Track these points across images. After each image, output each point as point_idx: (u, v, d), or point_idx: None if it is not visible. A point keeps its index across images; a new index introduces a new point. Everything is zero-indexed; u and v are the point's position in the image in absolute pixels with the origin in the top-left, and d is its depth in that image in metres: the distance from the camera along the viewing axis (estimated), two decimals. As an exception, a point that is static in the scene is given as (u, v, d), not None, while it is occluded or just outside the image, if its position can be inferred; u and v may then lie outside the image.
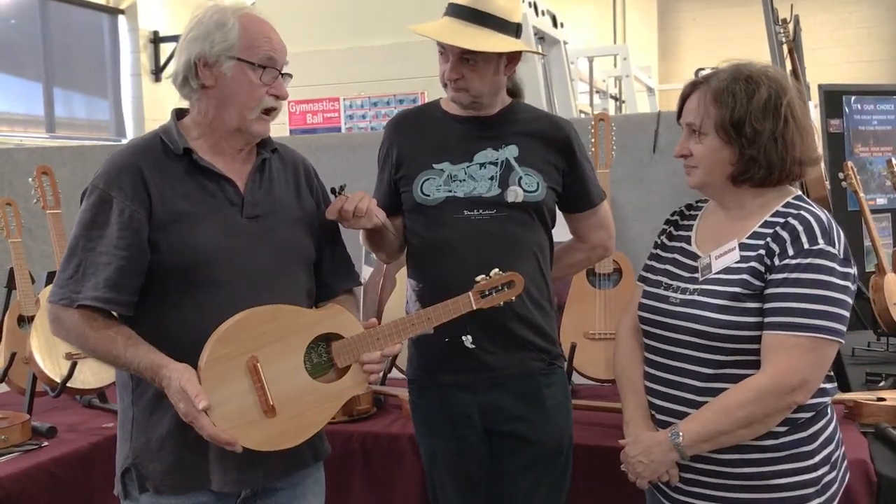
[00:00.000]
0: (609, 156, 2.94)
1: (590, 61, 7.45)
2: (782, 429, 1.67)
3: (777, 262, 1.65)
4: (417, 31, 2.04)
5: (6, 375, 3.03)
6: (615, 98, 8.45)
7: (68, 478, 2.39)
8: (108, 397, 2.93)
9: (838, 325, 1.62)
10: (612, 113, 7.55)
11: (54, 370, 2.79)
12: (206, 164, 1.76)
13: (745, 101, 1.68)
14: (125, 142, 2.13)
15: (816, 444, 1.69)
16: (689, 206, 1.93)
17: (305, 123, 5.11)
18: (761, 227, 1.71)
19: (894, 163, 3.52)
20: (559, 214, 2.21)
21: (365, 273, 3.47)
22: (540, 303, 2.10)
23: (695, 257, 1.80)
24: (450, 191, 2.07)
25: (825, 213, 1.70)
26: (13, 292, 3.22)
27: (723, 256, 1.73)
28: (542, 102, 4.91)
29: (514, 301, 1.91)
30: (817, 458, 1.68)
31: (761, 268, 1.67)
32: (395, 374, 2.95)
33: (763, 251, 1.68)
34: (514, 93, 2.18)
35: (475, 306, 1.86)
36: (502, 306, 1.90)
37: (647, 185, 3.42)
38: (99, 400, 2.93)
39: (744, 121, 1.68)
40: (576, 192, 2.17)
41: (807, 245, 1.63)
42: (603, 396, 2.72)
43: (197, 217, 1.73)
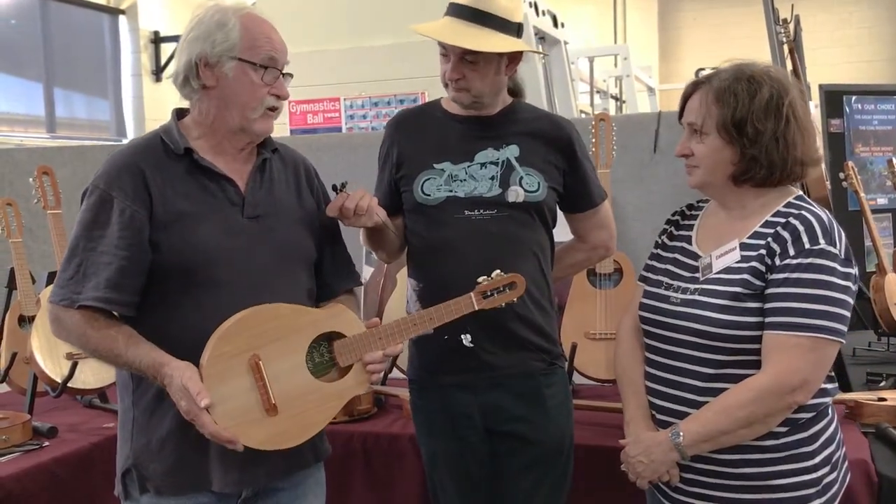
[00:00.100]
0: (609, 156, 2.94)
1: (590, 61, 7.45)
2: (783, 429, 1.67)
3: (778, 262, 1.65)
4: (419, 31, 2.04)
5: (7, 375, 3.03)
6: (616, 98, 8.46)
7: (69, 478, 2.39)
8: (108, 397, 2.93)
9: (839, 325, 1.62)
10: (612, 113, 7.55)
11: (55, 370, 2.80)
12: (206, 163, 1.76)
13: (747, 100, 1.68)
14: (126, 142, 2.13)
15: (817, 444, 1.69)
16: (690, 206, 1.93)
17: (306, 123, 5.12)
18: (762, 226, 1.71)
19: (895, 163, 3.52)
20: (560, 214, 2.21)
21: (366, 273, 3.47)
22: (541, 303, 2.10)
23: (695, 257, 1.80)
24: (450, 191, 2.07)
25: (826, 213, 1.69)
26: (14, 292, 3.23)
27: (723, 256, 1.73)
28: (542, 102, 4.92)
29: (515, 302, 1.91)
30: (818, 459, 1.68)
31: (762, 267, 1.67)
32: (395, 374, 2.95)
33: (764, 251, 1.68)
34: (516, 92, 2.18)
35: (477, 307, 1.86)
36: (504, 307, 1.90)
37: (648, 185, 3.42)
38: (100, 400, 2.93)
39: (745, 120, 1.68)
40: (577, 192, 2.17)
41: (808, 245, 1.63)
42: (603, 396, 2.72)
43: (198, 217, 1.73)
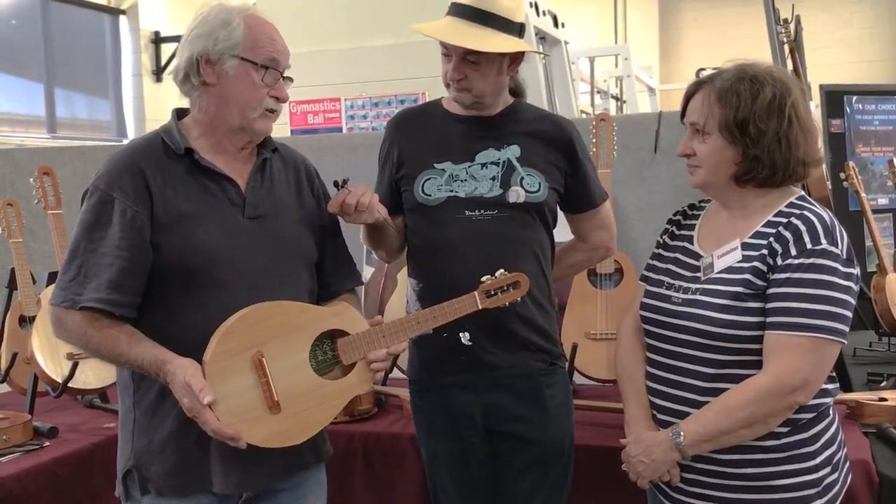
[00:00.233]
0: (610, 156, 2.94)
1: (591, 61, 7.45)
2: (784, 429, 1.66)
3: (780, 262, 1.65)
4: (421, 31, 2.03)
5: (7, 376, 3.03)
6: (616, 98, 8.46)
7: (70, 478, 2.39)
8: (109, 397, 2.93)
9: (840, 326, 1.62)
10: (613, 113, 7.55)
11: (56, 370, 2.80)
12: (207, 164, 1.76)
13: (750, 100, 1.68)
14: (126, 142, 2.13)
15: (818, 444, 1.69)
16: (692, 206, 1.93)
17: (306, 124, 5.12)
18: (764, 226, 1.71)
19: (895, 163, 3.52)
20: (560, 214, 2.21)
21: (366, 273, 3.47)
22: (541, 303, 2.10)
23: (697, 257, 1.80)
24: (451, 191, 2.07)
25: (828, 214, 1.69)
26: (14, 292, 3.23)
27: (725, 256, 1.73)
28: (543, 102, 4.92)
29: (518, 301, 1.91)
30: (819, 459, 1.68)
31: (764, 267, 1.67)
32: (396, 374, 2.95)
33: (766, 251, 1.67)
34: (517, 92, 2.18)
35: (480, 306, 1.86)
36: (506, 306, 1.90)
37: (649, 185, 3.42)
38: (100, 400, 2.93)
39: (748, 121, 1.67)
40: (577, 192, 2.17)
41: (809, 245, 1.63)
42: (604, 396, 2.72)
43: (198, 218, 1.73)
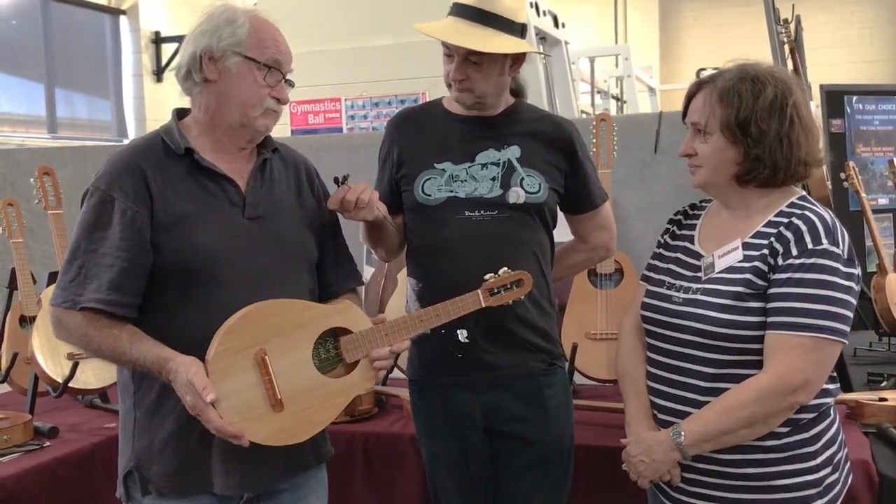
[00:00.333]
0: (610, 156, 2.94)
1: (591, 61, 7.45)
2: (784, 429, 1.66)
3: (781, 262, 1.65)
4: (423, 31, 2.03)
5: (8, 376, 3.04)
6: (616, 98, 8.46)
7: (70, 478, 2.39)
8: (109, 397, 2.92)
9: (841, 326, 1.62)
10: (613, 113, 7.55)
11: (56, 370, 2.80)
12: (207, 164, 1.76)
13: (751, 101, 1.68)
14: (126, 142, 2.13)
15: (819, 444, 1.69)
16: (693, 206, 1.93)
17: (307, 124, 5.12)
18: (765, 226, 1.71)
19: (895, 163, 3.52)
20: (560, 215, 2.21)
21: (366, 273, 3.48)
22: (540, 303, 2.10)
23: (698, 257, 1.80)
24: (451, 191, 2.07)
25: (829, 214, 1.69)
26: (15, 293, 3.23)
27: (726, 256, 1.73)
28: (543, 103, 4.92)
29: (522, 299, 1.91)
30: (820, 460, 1.68)
31: (765, 267, 1.67)
32: (396, 374, 2.95)
33: (767, 251, 1.67)
34: (518, 93, 2.18)
35: (484, 304, 1.86)
36: (510, 304, 1.90)
37: (649, 185, 3.42)
38: (101, 400, 2.93)
39: (749, 121, 1.67)
40: (578, 193, 2.17)
41: (811, 245, 1.63)
42: (604, 396, 2.72)
43: (198, 218, 1.73)
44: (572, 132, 2.14)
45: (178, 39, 8.81)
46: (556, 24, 5.74)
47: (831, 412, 1.74)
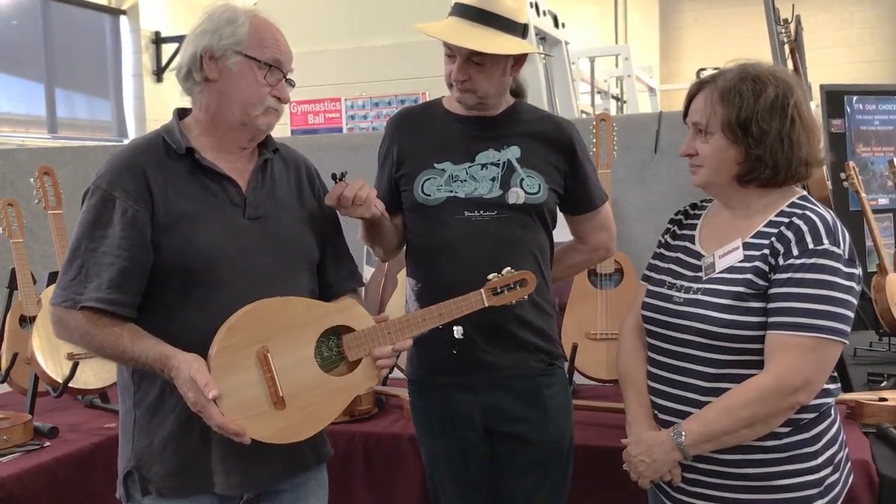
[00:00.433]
0: (610, 156, 2.94)
1: (591, 61, 7.46)
2: (785, 429, 1.66)
3: (781, 262, 1.65)
4: (426, 32, 2.02)
5: (8, 376, 3.03)
6: (616, 98, 8.46)
7: (70, 478, 2.39)
8: (109, 397, 2.92)
9: (842, 326, 1.62)
10: (613, 113, 7.56)
11: (56, 370, 2.80)
12: (208, 164, 1.76)
13: (752, 100, 1.68)
14: (126, 142, 2.13)
15: (819, 445, 1.68)
16: (694, 206, 1.93)
17: (307, 124, 5.12)
18: (766, 226, 1.71)
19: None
20: (560, 215, 2.21)
21: (366, 273, 3.47)
22: (540, 304, 2.10)
23: (698, 256, 1.80)
24: (451, 191, 2.07)
25: (830, 214, 1.69)
26: (15, 293, 3.23)
27: (726, 256, 1.73)
28: (543, 103, 4.92)
29: (525, 299, 1.90)
30: (820, 460, 1.68)
31: (765, 267, 1.67)
32: (395, 374, 2.95)
33: (767, 251, 1.67)
34: (518, 93, 2.17)
35: (487, 303, 1.85)
36: (510, 305, 1.90)
37: (649, 185, 3.42)
38: (101, 400, 2.93)
39: (750, 120, 1.67)
40: (577, 194, 2.17)
41: (811, 245, 1.63)
42: (604, 396, 2.72)
43: (199, 218, 1.73)
44: (572, 133, 2.14)
45: (178, 39, 8.81)
46: (556, 25, 5.74)
47: (832, 412, 1.74)
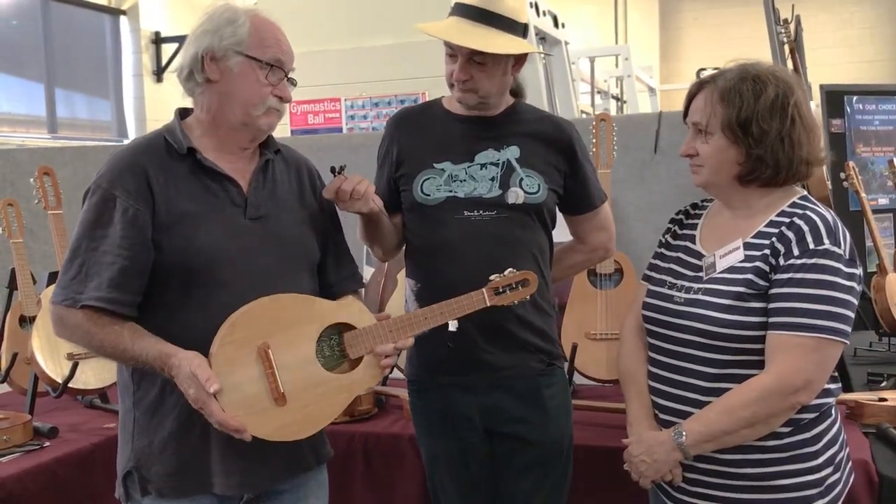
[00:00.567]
0: (610, 156, 2.94)
1: (591, 61, 7.46)
2: (786, 429, 1.66)
3: (782, 262, 1.65)
4: (427, 32, 2.01)
5: (8, 376, 3.03)
6: (616, 98, 8.46)
7: (70, 478, 2.39)
8: (109, 398, 2.92)
9: (843, 326, 1.62)
10: (613, 113, 7.55)
11: (56, 370, 2.80)
12: (209, 164, 1.76)
13: (752, 100, 1.67)
14: (126, 142, 2.13)
15: (820, 444, 1.68)
16: (695, 206, 1.93)
17: (307, 124, 5.12)
18: (766, 226, 1.71)
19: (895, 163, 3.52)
20: (559, 215, 2.21)
21: (366, 273, 3.47)
22: (539, 304, 2.09)
23: (699, 256, 1.80)
24: (450, 191, 2.07)
25: (831, 214, 1.69)
26: (15, 293, 3.23)
27: (727, 256, 1.73)
28: (543, 103, 4.92)
29: (528, 299, 1.90)
30: (821, 459, 1.68)
31: (766, 268, 1.67)
32: (395, 374, 2.95)
33: (768, 251, 1.67)
34: (517, 93, 2.18)
35: (489, 303, 1.85)
36: (513, 305, 1.89)
37: (649, 185, 3.42)
38: (100, 400, 2.93)
39: (751, 120, 1.67)
40: (577, 194, 2.16)
41: (812, 245, 1.63)
42: (604, 396, 2.72)
43: (200, 218, 1.73)
44: (572, 133, 2.14)
45: (178, 39, 8.81)
46: (556, 25, 5.74)
47: (833, 412, 1.74)
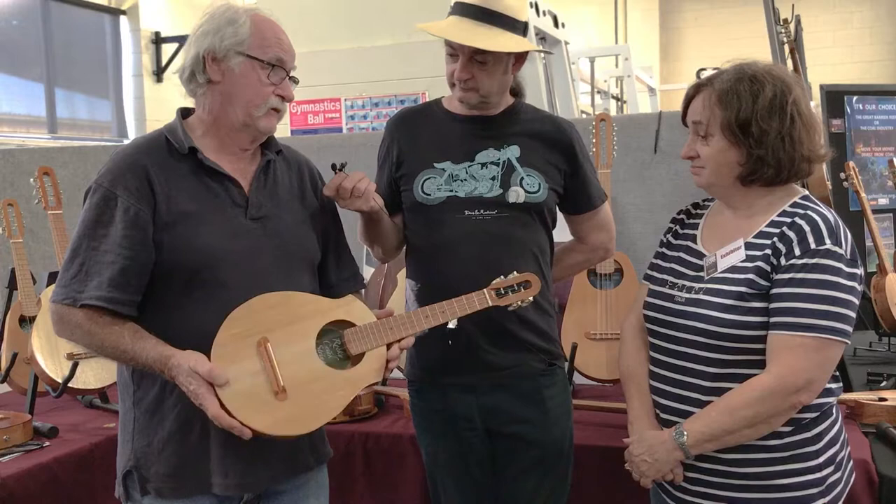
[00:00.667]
0: (610, 156, 2.94)
1: (591, 61, 7.46)
2: (787, 429, 1.66)
3: (783, 262, 1.65)
4: (429, 31, 2.01)
5: (8, 376, 3.03)
6: (616, 98, 8.46)
7: (70, 478, 2.39)
8: (109, 397, 2.92)
9: (844, 326, 1.62)
10: (613, 113, 7.56)
11: (56, 370, 2.80)
12: (211, 163, 1.76)
13: (751, 101, 1.67)
14: (126, 142, 2.13)
15: (821, 444, 1.69)
16: (696, 205, 1.92)
17: (307, 124, 5.12)
18: (768, 226, 1.71)
19: (895, 163, 3.52)
20: (559, 215, 2.21)
21: (366, 273, 3.47)
22: (540, 304, 2.09)
23: (700, 256, 1.80)
24: (451, 190, 2.07)
25: (832, 214, 1.69)
26: (15, 293, 3.23)
27: (728, 255, 1.73)
28: (543, 103, 4.92)
29: (531, 300, 1.89)
30: (822, 459, 1.68)
31: (767, 267, 1.67)
32: (395, 374, 2.95)
33: (769, 251, 1.67)
34: (516, 92, 2.18)
35: (490, 303, 1.85)
36: (521, 305, 1.89)
37: (649, 185, 3.42)
38: (100, 400, 2.94)
39: (750, 121, 1.67)
40: (577, 193, 2.16)
41: (813, 245, 1.63)
42: (604, 396, 2.72)
43: (201, 217, 1.73)
44: (572, 133, 2.14)
45: (178, 39, 8.82)
46: (556, 24, 5.73)
47: (833, 411, 1.74)
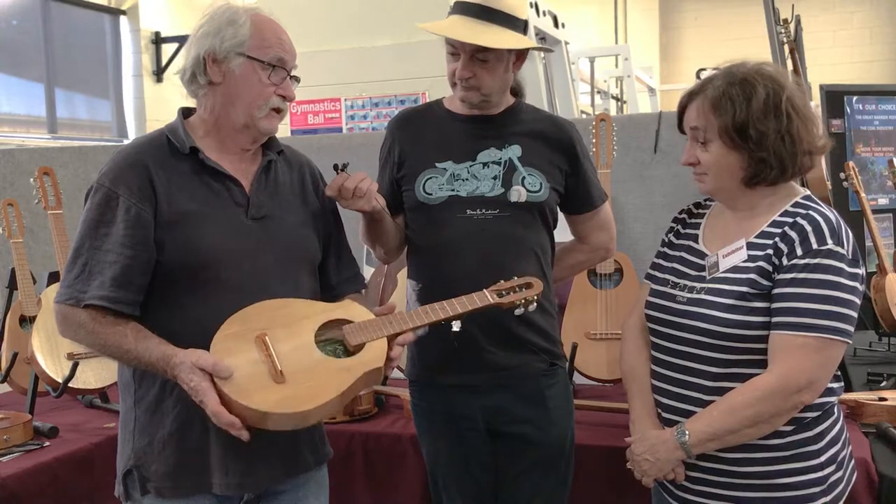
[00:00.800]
0: (610, 156, 2.94)
1: (591, 61, 7.45)
2: (788, 428, 1.67)
3: (785, 262, 1.65)
4: (431, 30, 2.01)
5: (8, 375, 3.03)
6: (616, 98, 8.46)
7: (70, 478, 2.39)
8: (109, 397, 2.93)
9: (846, 326, 1.62)
10: (613, 113, 7.56)
11: (56, 370, 2.80)
12: (212, 163, 1.76)
13: (744, 105, 1.66)
14: (126, 142, 2.13)
15: (822, 443, 1.69)
16: (697, 205, 1.92)
17: (307, 124, 5.12)
18: (769, 226, 1.71)
19: (895, 163, 3.52)
20: (560, 215, 2.21)
21: (366, 273, 3.47)
22: (541, 304, 2.08)
23: (702, 256, 1.79)
24: (453, 190, 2.07)
25: (834, 214, 1.69)
26: (15, 293, 3.23)
27: (730, 255, 1.73)
28: (543, 103, 4.92)
29: (534, 300, 1.89)
30: (823, 458, 1.68)
31: (769, 267, 1.67)
32: (396, 373, 2.95)
33: (771, 251, 1.67)
34: (516, 92, 2.18)
35: (492, 301, 1.84)
36: (524, 304, 1.89)
37: (649, 185, 3.42)
38: (101, 400, 2.94)
39: (747, 125, 1.66)
40: (578, 193, 2.17)
41: (815, 245, 1.63)
42: (604, 396, 2.72)
43: (202, 217, 1.72)
44: (573, 133, 2.14)
45: (178, 39, 8.81)
46: (556, 25, 5.74)
47: (835, 411, 1.74)
